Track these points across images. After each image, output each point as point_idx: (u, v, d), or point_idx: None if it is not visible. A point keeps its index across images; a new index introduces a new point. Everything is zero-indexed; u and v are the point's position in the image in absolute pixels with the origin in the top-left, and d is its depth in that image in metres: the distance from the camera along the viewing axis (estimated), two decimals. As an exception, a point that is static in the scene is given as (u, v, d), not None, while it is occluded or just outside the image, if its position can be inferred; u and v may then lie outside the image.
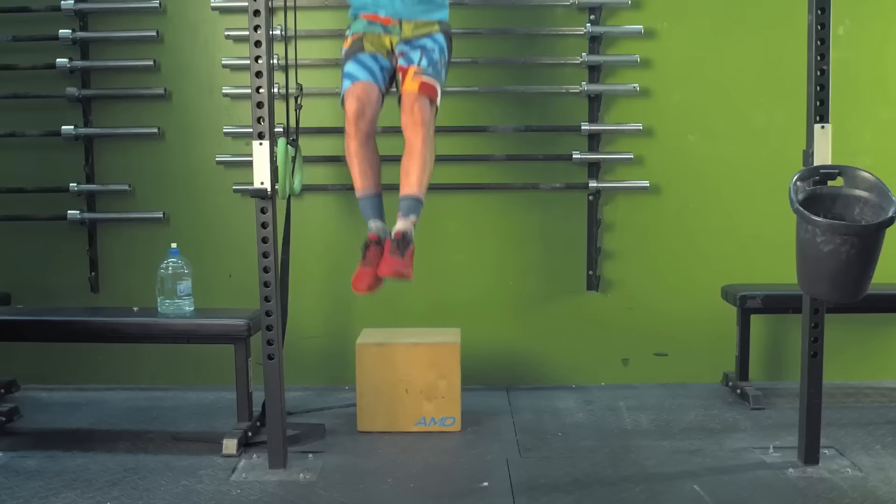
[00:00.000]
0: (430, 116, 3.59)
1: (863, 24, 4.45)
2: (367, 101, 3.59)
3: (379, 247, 3.58)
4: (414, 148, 3.55)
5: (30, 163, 4.51)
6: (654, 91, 4.48)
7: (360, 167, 3.63)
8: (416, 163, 3.55)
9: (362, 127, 3.59)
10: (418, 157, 3.55)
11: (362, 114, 3.58)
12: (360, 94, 3.59)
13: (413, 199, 3.57)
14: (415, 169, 3.55)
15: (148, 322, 3.85)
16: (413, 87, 3.57)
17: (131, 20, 4.45)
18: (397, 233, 3.53)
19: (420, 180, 3.56)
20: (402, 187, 3.59)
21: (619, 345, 4.61)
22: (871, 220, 3.09)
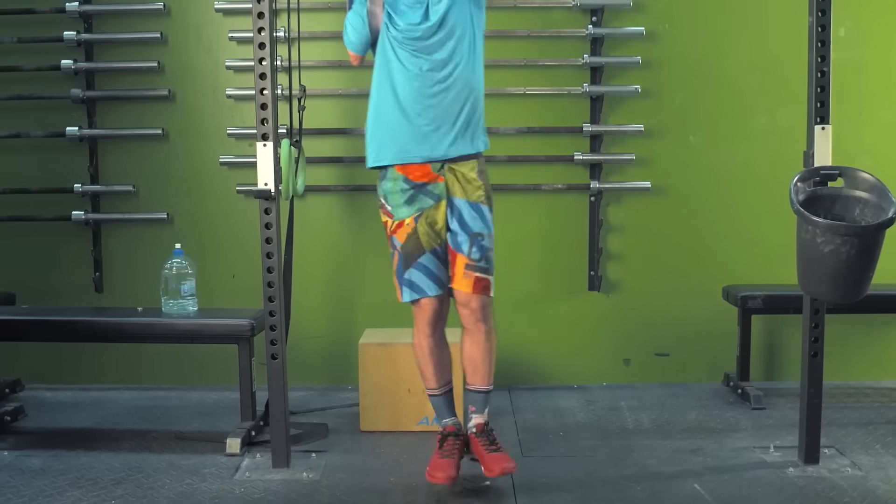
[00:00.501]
0: (489, 307, 3.37)
1: (864, 25, 4.47)
2: (441, 309, 3.39)
3: (457, 438, 3.37)
4: (477, 339, 3.36)
5: (34, 163, 4.54)
6: (656, 92, 4.50)
7: (433, 367, 3.44)
8: (482, 355, 3.37)
9: (438, 330, 3.42)
10: (482, 348, 3.36)
11: (437, 320, 3.40)
12: (435, 305, 3.37)
13: (485, 393, 3.40)
14: (481, 362, 3.37)
15: (152, 322, 3.87)
16: (468, 286, 3.32)
17: (135, 22, 4.47)
18: (479, 426, 3.37)
19: (490, 373, 3.40)
20: (471, 379, 3.41)
21: (621, 345, 4.62)
22: (872, 221, 3.11)
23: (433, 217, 3.32)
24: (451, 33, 3.28)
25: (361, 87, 4.39)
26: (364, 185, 4.50)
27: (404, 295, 3.38)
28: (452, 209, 3.33)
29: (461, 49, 3.29)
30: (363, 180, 4.50)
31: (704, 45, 4.50)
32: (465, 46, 3.30)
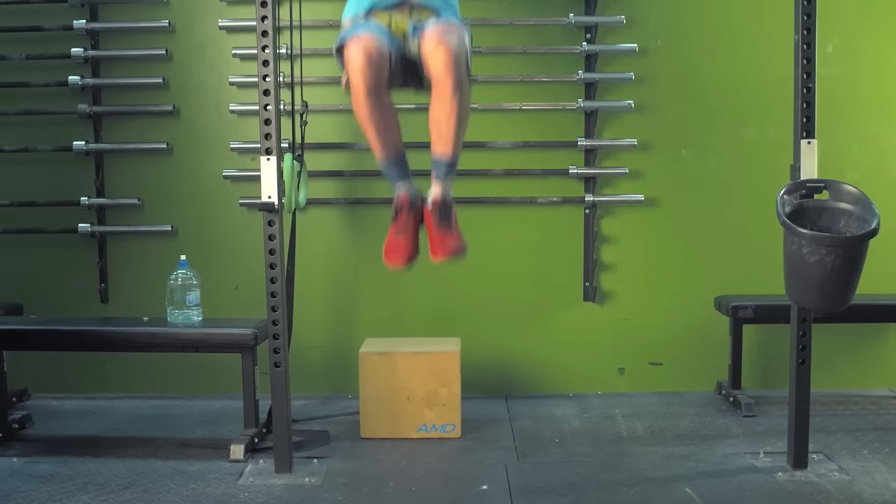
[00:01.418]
0: (462, 59, 2.99)
1: (852, 42, 4.57)
2: (376, 51, 2.98)
3: (412, 211, 3.13)
4: (444, 93, 3.00)
5: (42, 177, 4.62)
6: (649, 107, 4.59)
7: (376, 130, 3.10)
8: (448, 116, 3.02)
9: (372, 79, 2.98)
10: (449, 108, 3.01)
11: (370, 63, 2.96)
12: (366, 43, 2.97)
13: (449, 163, 3.12)
14: (447, 123, 3.04)
15: (158, 331, 3.96)
16: (437, 30, 3.01)
17: (141, 39, 4.56)
18: (435, 200, 3.10)
19: (455, 139, 3.07)
20: (435, 145, 3.10)
21: (616, 354, 4.70)
22: (856, 232, 3.21)
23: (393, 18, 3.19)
24: None
25: (362, 102, 4.51)
26: (364, 198, 4.60)
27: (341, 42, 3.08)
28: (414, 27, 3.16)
29: None
30: (363, 193, 4.60)
31: (696, 62, 4.59)
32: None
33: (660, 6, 4.57)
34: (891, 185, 4.62)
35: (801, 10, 3.41)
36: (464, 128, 3.11)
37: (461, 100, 3.02)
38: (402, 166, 3.21)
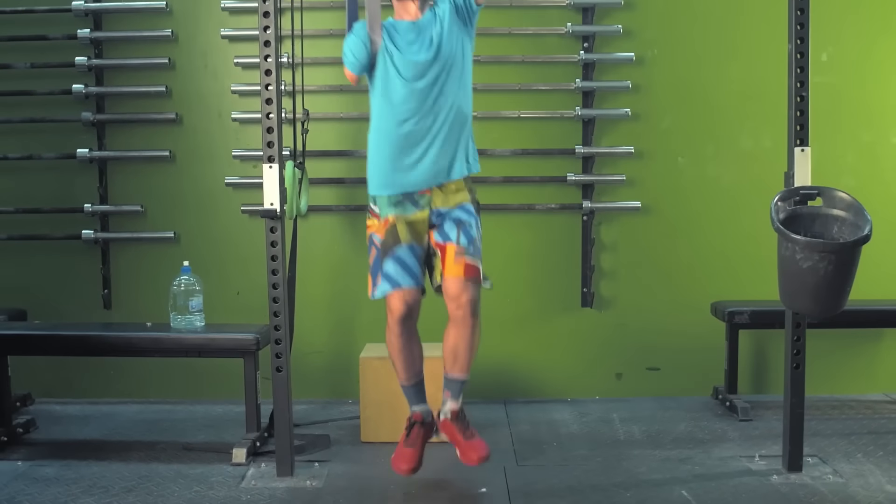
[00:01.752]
0: (478, 299, 3.45)
1: (846, 51, 4.63)
2: (413, 305, 3.45)
3: (423, 427, 3.52)
4: (463, 332, 3.44)
5: (46, 184, 4.68)
6: (645, 115, 4.65)
7: (404, 361, 3.54)
8: (466, 347, 3.45)
9: (409, 326, 3.49)
10: (468, 341, 3.45)
11: (409, 316, 3.45)
12: (407, 298, 3.43)
13: (462, 382, 3.51)
14: (464, 353, 3.46)
15: (161, 336, 4.01)
16: (458, 272, 3.41)
17: (144, 48, 4.62)
18: (454, 412, 3.48)
19: (469, 364, 3.49)
20: (450, 368, 3.50)
21: (613, 360, 4.75)
22: (848, 238, 3.26)
23: (414, 219, 3.47)
24: (445, 65, 3.41)
25: (362, 110, 4.55)
26: (364, 205, 4.59)
27: (378, 289, 3.47)
28: (436, 214, 3.47)
29: (453, 79, 3.43)
30: (363, 200, 4.57)
31: (692, 70, 4.65)
32: (457, 76, 3.45)
33: (656, 16, 4.63)
34: (886, 192, 4.68)
35: (794, 20, 3.47)
36: (475, 351, 3.51)
37: (477, 333, 3.47)
38: (420, 391, 3.60)
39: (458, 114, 3.46)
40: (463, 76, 3.48)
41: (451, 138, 3.45)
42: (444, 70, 3.41)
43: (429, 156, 3.43)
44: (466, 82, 3.51)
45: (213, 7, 4.58)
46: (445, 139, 3.44)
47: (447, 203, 3.48)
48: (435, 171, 3.45)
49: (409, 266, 3.45)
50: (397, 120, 3.43)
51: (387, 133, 3.47)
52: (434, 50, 3.40)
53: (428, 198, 3.47)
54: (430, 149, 3.43)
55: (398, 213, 3.47)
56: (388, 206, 3.49)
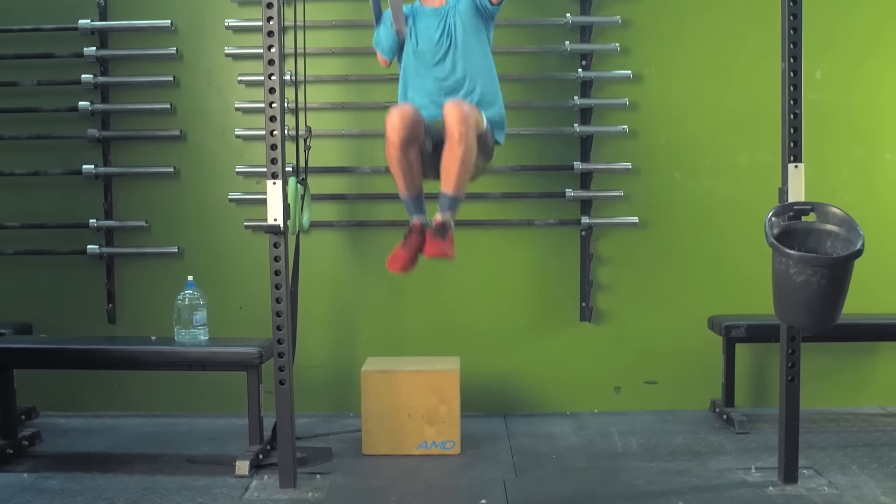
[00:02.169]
0: (475, 115, 3.65)
1: (839, 68, 4.70)
2: (410, 114, 3.65)
3: (420, 234, 3.73)
4: (456, 152, 3.61)
5: (52, 200, 4.74)
6: (642, 132, 4.71)
7: (403, 175, 3.72)
8: (456, 161, 3.62)
9: (403, 135, 3.63)
10: (459, 160, 3.61)
11: (403, 123, 3.62)
12: (402, 109, 3.67)
13: (452, 198, 3.69)
14: (454, 167, 3.63)
15: (166, 350, 4.06)
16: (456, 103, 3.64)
17: (149, 66, 4.69)
18: (437, 222, 3.69)
19: (460, 181, 3.66)
20: (443, 184, 3.70)
21: (612, 373, 4.79)
22: (841, 253, 3.32)
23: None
24: (463, 52, 3.83)
25: (363, 127, 4.66)
26: (366, 220, 4.71)
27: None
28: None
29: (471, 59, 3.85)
30: (365, 216, 4.72)
31: (688, 87, 4.71)
32: (476, 57, 3.86)
33: (653, 34, 4.69)
34: (880, 207, 4.74)
35: (787, 40, 3.54)
36: (466, 174, 3.69)
37: (465, 150, 3.60)
38: (419, 203, 3.81)
39: (483, 95, 3.85)
40: (484, 59, 3.88)
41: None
42: (461, 56, 3.82)
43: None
44: (489, 65, 3.90)
45: (218, 26, 4.66)
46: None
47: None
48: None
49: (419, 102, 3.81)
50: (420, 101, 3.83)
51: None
52: (454, 31, 3.82)
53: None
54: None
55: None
56: None
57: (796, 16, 3.54)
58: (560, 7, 4.65)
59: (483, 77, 3.87)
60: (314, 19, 4.37)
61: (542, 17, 4.67)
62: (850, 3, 4.69)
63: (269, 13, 3.43)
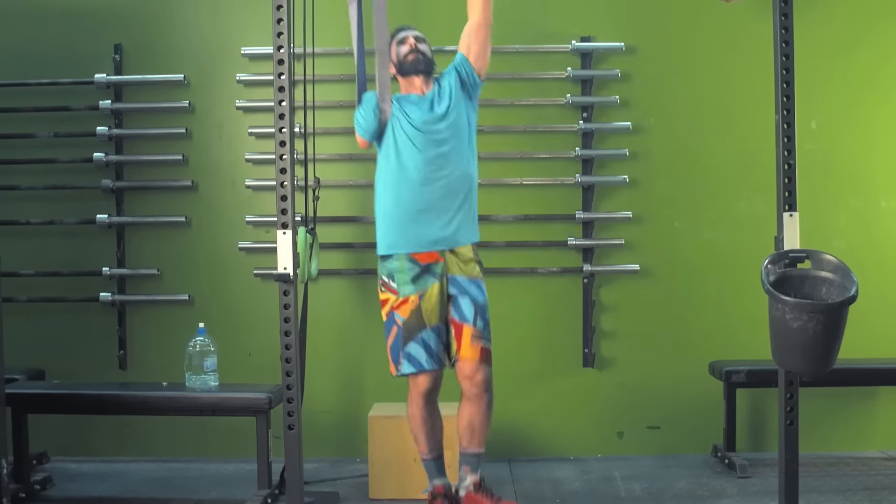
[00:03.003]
0: (491, 378, 3.70)
1: (834, 119, 4.81)
2: (438, 383, 3.71)
3: (446, 499, 3.70)
4: (478, 409, 3.67)
5: (66, 248, 4.84)
6: (643, 182, 4.81)
7: (426, 434, 3.74)
8: (481, 422, 3.68)
9: (432, 401, 3.72)
10: (482, 417, 3.68)
11: (433, 391, 3.71)
12: (432, 379, 3.69)
13: (479, 456, 3.70)
14: (479, 428, 3.69)
15: (177, 395, 4.14)
16: (474, 355, 3.66)
17: (163, 118, 4.82)
18: (475, 483, 3.66)
19: (484, 437, 3.70)
20: (468, 443, 3.70)
21: (615, 418, 4.85)
22: (836, 299, 3.40)
23: (434, 294, 3.66)
24: (452, 129, 3.69)
25: (370, 178, 4.68)
26: (373, 268, 4.71)
27: (403, 368, 3.68)
28: (453, 284, 3.69)
29: (461, 144, 3.70)
30: (372, 264, 4.74)
31: (687, 138, 4.82)
32: (465, 142, 3.71)
33: (652, 87, 4.82)
34: (877, 254, 4.82)
35: (780, 92, 3.65)
36: (489, 425, 3.74)
37: (491, 407, 3.71)
38: (441, 465, 3.79)
39: (469, 179, 3.72)
40: (470, 144, 3.74)
41: (463, 203, 3.70)
42: (453, 138, 3.67)
43: (442, 219, 3.67)
44: (473, 150, 3.75)
45: (229, 80, 4.80)
46: (459, 204, 3.68)
47: (463, 272, 3.69)
48: (449, 233, 3.67)
49: (433, 349, 3.67)
50: (411, 185, 3.66)
51: (399, 198, 3.69)
52: (443, 120, 3.67)
53: (443, 265, 3.68)
54: (443, 212, 3.67)
55: (419, 290, 3.66)
56: (408, 283, 3.68)
57: (789, 70, 3.66)
58: (561, 61, 4.78)
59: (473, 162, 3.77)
60: (322, 73, 4.49)
61: (544, 71, 4.80)
62: (844, 54, 4.82)
63: (281, 69, 3.54)
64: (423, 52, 3.79)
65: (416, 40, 3.81)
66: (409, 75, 3.79)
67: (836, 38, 4.81)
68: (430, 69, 3.81)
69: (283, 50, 3.52)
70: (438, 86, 3.78)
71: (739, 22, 4.69)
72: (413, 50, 3.78)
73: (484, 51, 3.80)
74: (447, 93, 3.74)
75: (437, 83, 3.80)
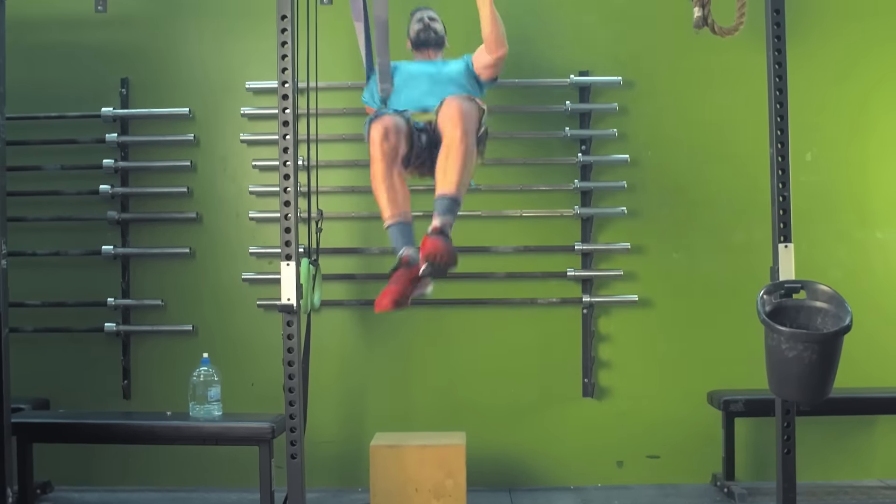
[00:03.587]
0: (471, 112, 3.57)
1: (829, 151, 4.87)
2: (394, 128, 3.63)
3: (409, 268, 3.57)
4: (451, 143, 3.52)
5: (71, 279, 4.89)
6: (641, 213, 4.87)
7: (387, 193, 3.65)
8: (454, 160, 3.51)
9: (387, 149, 3.61)
10: (456, 153, 3.51)
11: (386, 136, 3.61)
12: (386, 122, 3.65)
13: (449, 199, 3.52)
14: (452, 166, 3.51)
15: (181, 425, 4.17)
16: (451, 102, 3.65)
17: (168, 151, 4.89)
18: (434, 227, 3.49)
19: (458, 178, 3.49)
20: (439, 186, 3.55)
21: (614, 448, 4.87)
22: (831, 329, 3.46)
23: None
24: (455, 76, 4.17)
25: (372, 210, 4.75)
26: (375, 299, 4.83)
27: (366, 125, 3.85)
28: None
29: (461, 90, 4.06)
30: (374, 295, 4.71)
31: (684, 170, 4.88)
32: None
33: (649, 120, 4.89)
34: (875, 283, 4.87)
35: (774, 126, 3.74)
36: (467, 174, 3.56)
37: (465, 152, 3.53)
38: (407, 234, 3.71)
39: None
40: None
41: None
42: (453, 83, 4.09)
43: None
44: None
45: (233, 114, 4.87)
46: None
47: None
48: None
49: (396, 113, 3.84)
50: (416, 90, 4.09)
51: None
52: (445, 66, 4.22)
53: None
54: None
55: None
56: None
57: (782, 104, 3.75)
58: (560, 95, 4.86)
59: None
60: (325, 107, 4.56)
61: (544, 105, 4.88)
62: (837, 84, 4.89)
63: (285, 104, 3.62)
64: (436, 29, 4.29)
65: (430, 19, 4.28)
66: (421, 48, 4.27)
67: (830, 69, 4.88)
68: (440, 43, 4.29)
69: (288, 85, 3.61)
70: (449, 62, 4.23)
71: (734, 55, 4.76)
72: (425, 27, 4.22)
73: (489, 77, 4.25)
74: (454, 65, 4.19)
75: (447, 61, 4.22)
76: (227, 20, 4.93)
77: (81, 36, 4.93)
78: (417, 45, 4.30)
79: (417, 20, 4.32)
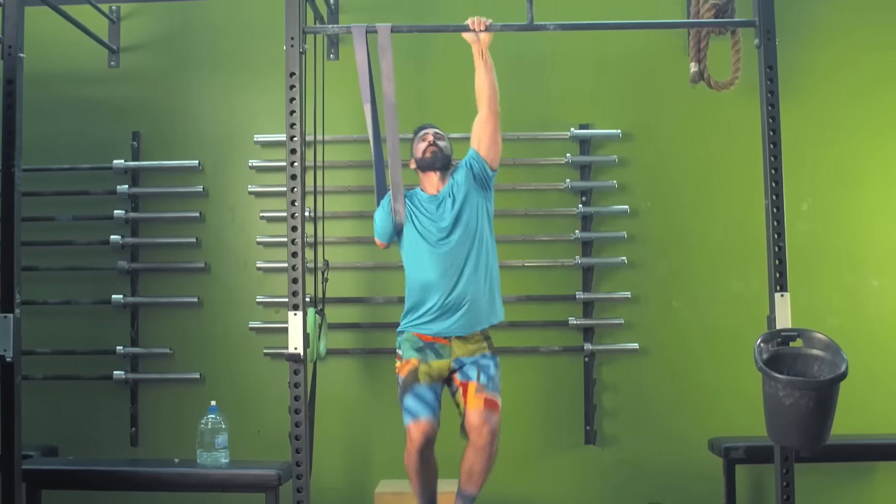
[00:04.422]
0: (497, 429, 3.77)
1: (824, 200, 4.95)
2: (431, 434, 3.78)
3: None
4: (482, 456, 3.75)
5: (82, 328, 4.97)
6: (641, 263, 4.94)
7: (420, 482, 3.84)
8: (482, 468, 3.76)
9: (426, 455, 3.80)
10: (484, 463, 3.76)
11: (427, 445, 3.77)
12: (425, 429, 3.76)
13: (475, 496, 3.80)
14: (479, 473, 3.77)
15: (189, 472, 4.23)
16: (478, 404, 3.77)
17: (177, 202, 4.99)
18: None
19: (483, 482, 3.78)
20: (465, 484, 3.80)
21: (616, 495, 4.89)
22: (827, 376, 3.52)
23: (434, 366, 3.84)
24: (466, 229, 3.88)
25: (377, 260, 4.90)
26: (379, 348, 4.90)
27: (404, 420, 3.81)
28: (456, 362, 3.85)
29: (476, 239, 3.89)
30: (379, 344, 4.91)
31: (683, 221, 4.97)
32: (479, 236, 3.90)
33: (648, 171, 4.99)
34: (869, 331, 4.92)
35: (769, 177, 3.81)
36: (489, 473, 3.80)
37: (494, 457, 3.78)
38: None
39: (486, 271, 3.89)
40: (485, 236, 3.93)
41: (478, 296, 3.87)
42: (465, 233, 3.86)
43: (458, 314, 3.84)
44: (489, 241, 3.94)
45: (241, 166, 4.98)
46: (473, 298, 3.85)
47: (467, 353, 3.85)
48: (460, 325, 3.85)
49: (426, 400, 3.79)
50: (425, 280, 3.86)
51: (418, 290, 3.89)
52: (454, 216, 3.87)
53: (449, 348, 3.84)
54: (457, 307, 3.84)
55: (420, 357, 3.84)
56: (412, 349, 3.85)
57: (777, 157, 3.82)
58: (561, 148, 4.97)
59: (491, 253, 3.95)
60: (332, 160, 4.67)
61: (545, 158, 4.97)
62: (831, 135, 4.97)
63: (293, 158, 3.72)
64: (442, 148, 4.01)
65: (435, 137, 4.02)
66: (427, 171, 4.01)
67: (822, 118, 4.97)
68: (446, 165, 4.02)
69: (296, 139, 3.71)
70: (453, 180, 3.99)
71: (730, 108, 4.86)
72: (431, 145, 3.99)
73: (493, 142, 3.98)
74: (458, 188, 3.94)
75: (452, 178, 4.00)
76: (236, 75, 5.07)
77: (95, 91, 5.07)
78: (424, 168, 4.03)
79: (421, 138, 4.05)
